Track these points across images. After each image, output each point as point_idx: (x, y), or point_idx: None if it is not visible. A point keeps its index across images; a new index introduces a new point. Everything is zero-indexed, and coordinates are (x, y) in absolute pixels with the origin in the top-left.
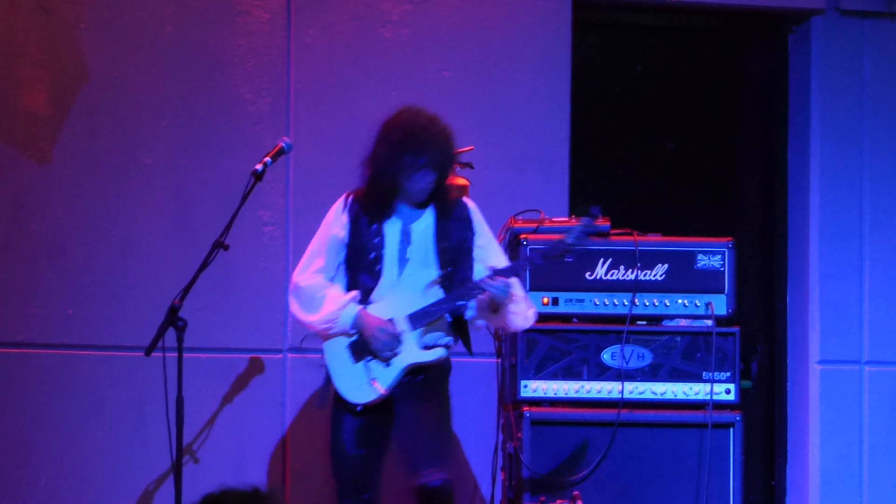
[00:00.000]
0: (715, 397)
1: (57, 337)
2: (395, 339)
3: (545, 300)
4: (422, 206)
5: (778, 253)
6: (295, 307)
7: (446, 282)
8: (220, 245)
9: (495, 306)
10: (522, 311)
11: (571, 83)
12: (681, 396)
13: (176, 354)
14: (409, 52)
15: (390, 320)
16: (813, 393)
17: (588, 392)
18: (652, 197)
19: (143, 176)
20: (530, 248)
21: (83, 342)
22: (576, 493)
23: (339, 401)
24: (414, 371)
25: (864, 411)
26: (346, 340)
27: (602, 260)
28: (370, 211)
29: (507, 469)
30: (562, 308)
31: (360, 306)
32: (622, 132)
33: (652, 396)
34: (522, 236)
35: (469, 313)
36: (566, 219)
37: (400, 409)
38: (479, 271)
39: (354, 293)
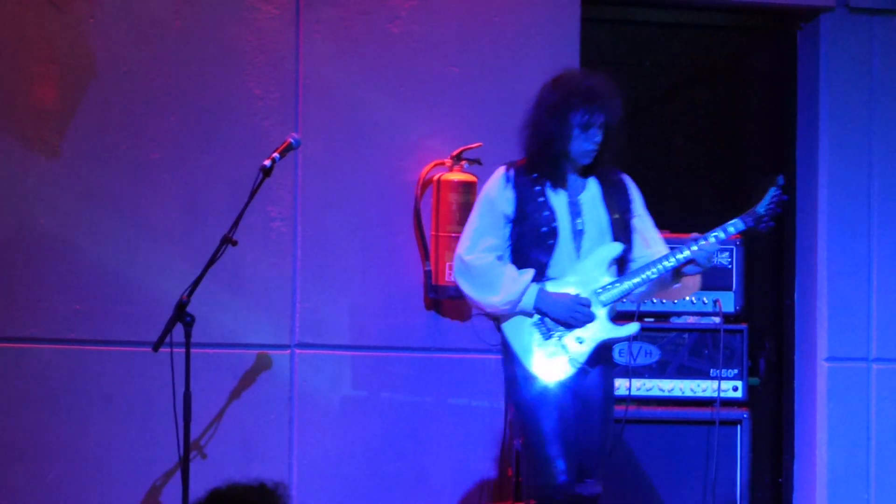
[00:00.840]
0: (722, 394)
1: (64, 332)
2: (590, 314)
3: None
4: (583, 174)
5: (786, 250)
6: (467, 287)
7: (621, 256)
8: (228, 240)
9: (679, 277)
10: (695, 285)
11: None
12: (688, 393)
13: (184, 350)
14: (418, 47)
15: (577, 296)
16: (821, 390)
17: None
18: (661, 193)
19: (152, 170)
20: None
21: (91, 337)
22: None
23: (530, 380)
24: (606, 347)
25: (871, 409)
26: (530, 319)
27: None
28: (537, 181)
29: (515, 466)
30: None
31: (540, 285)
32: (630, 128)
33: (660, 393)
34: None
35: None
36: None
37: (584, 391)
38: (638, 243)
39: (531, 271)
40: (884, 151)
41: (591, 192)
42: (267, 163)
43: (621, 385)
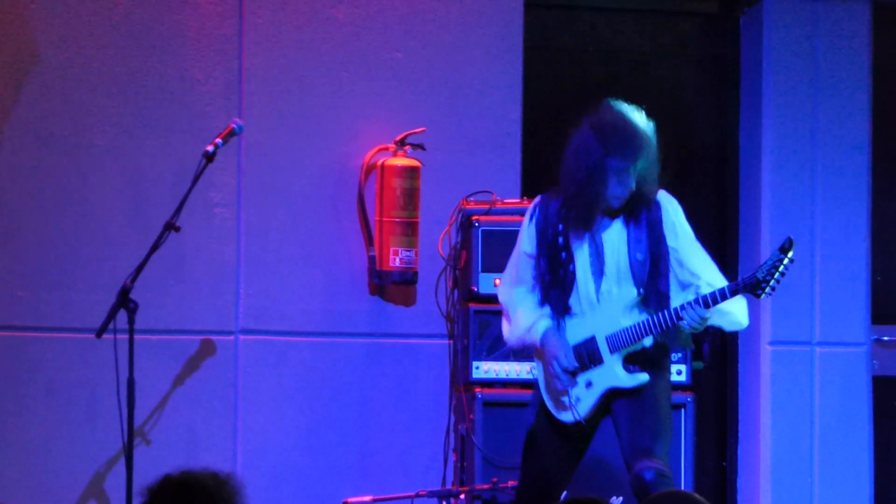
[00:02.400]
0: None
1: (7, 318)
2: (569, 376)
3: (497, 281)
4: (613, 213)
5: (729, 234)
6: (503, 325)
7: (645, 300)
8: (170, 226)
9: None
10: (733, 318)
11: (524, 64)
12: None
13: (127, 336)
14: (362, 33)
15: (591, 338)
16: (764, 374)
17: None
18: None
19: (96, 157)
20: (733, 283)
21: (34, 324)
22: None
23: (546, 413)
24: (616, 394)
25: (815, 392)
26: None
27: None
28: (562, 219)
29: (459, 450)
30: None
31: (551, 323)
32: (575, 113)
33: None
34: (474, 217)
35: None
36: (518, 200)
37: (617, 405)
38: (684, 276)
39: (545, 310)
40: (827, 136)
41: (616, 231)
42: (209, 148)
43: None
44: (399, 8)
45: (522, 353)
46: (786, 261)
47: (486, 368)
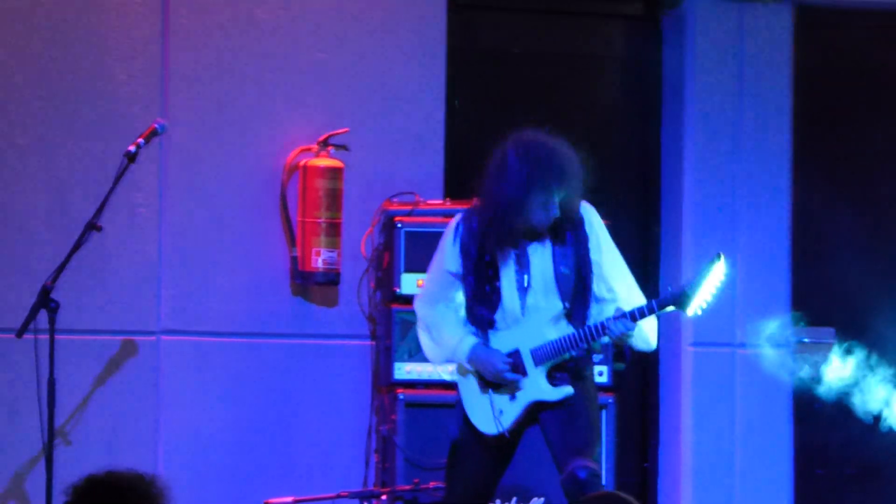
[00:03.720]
0: None
1: None
2: (512, 376)
3: (420, 282)
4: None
5: (651, 236)
6: (420, 334)
7: (570, 313)
8: (92, 227)
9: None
10: (647, 336)
11: (448, 65)
12: None
13: (48, 336)
14: (285, 32)
15: (515, 351)
16: (686, 375)
17: None
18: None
19: (18, 156)
20: (660, 298)
21: None
22: None
23: (469, 426)
24: (539, 407)
25: (736, 394)
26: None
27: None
28: (486, 237)
29: (381, 451)
30: None
31: (477, 340)
32: (499, 114)
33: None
34: (397, 218)
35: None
36: (441, 201)
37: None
38: (600, 291)
39: (470, 328)
40: (749, 139)
41: (541, 247)
42: (131, 148)
43: None
44: (323, 9)
45: None
46: (720, 278)
47: (409, 369)
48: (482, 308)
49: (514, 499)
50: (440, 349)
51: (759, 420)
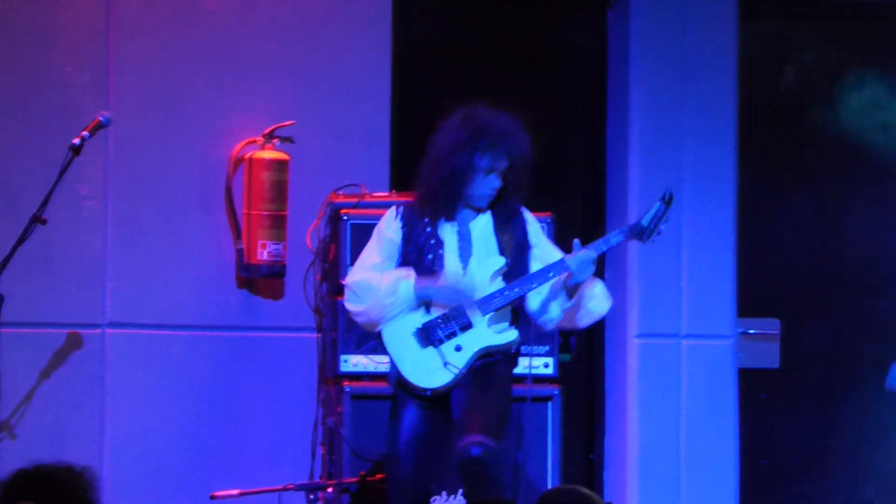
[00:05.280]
0: (534, 371)
1: None
2: (471, 299)
3: None
4: (477, 209)
5: (596, 226)
6: (350, 306)
7: (510, 272)
8: (37, 219)
9: (573, 288)
10: (601, 293)
11: (395, 58)
12: None
13: None
14: (232, 24)
15: (458, 307)
16: (632, 366)
17: None
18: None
19: None
20: (619, 232)
21: None
22: None
23: (404, 390)
24: (484, 356)
25: (682, 385)
26: (411, 326)
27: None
28: (426, 214)
29: (327, 444)
30: None
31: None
32: (447, 107)
33: None
34: (343, 211)
35: (533, 305)
36: (387, 193)
37: (456, 392)
38: (536, 268)
39: (410, 269)
40: (694, 129)
41: (483, 221)
42: (76, 141)
43: None
44: (270, 1)
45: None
46: (666, 211)
47: (355, 362)
48: (423, 276)
49: (461, 491)
50: (379, 296)
51: (704, 411)
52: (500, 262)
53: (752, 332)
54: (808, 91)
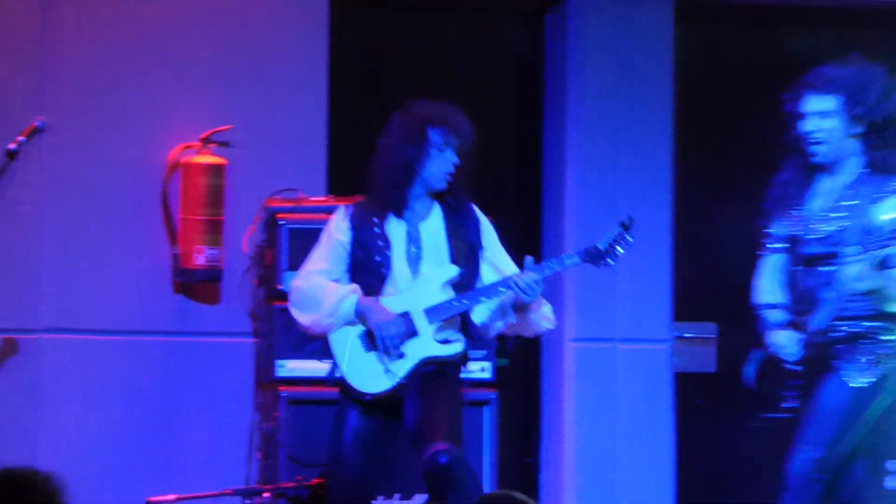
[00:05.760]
0: (470, 375)
1: None
2: (402, 336)
3: None
4: (428, 203)
5: (532, 231)
6: (295, 311)
7: (460, 281)
8: None
9: (521, 306)
10: (547, 313)
11: (332, 61)
12: None
13: None
14: (169, 31)
15: (405, 314)
16: (568, 370)
17: None
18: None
19: None
20: (571, 254)
21: None
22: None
23: (345, 394)
24: (428, 364)
25: (618, 388)
26: (357, 329)
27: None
28: (376, 213)
29: (264, 449)
30: None
31: (363, 296)
32: (383, 112)
33: None
34: (279, 215)
35: (478, 317)
36: (324, 198)
37: (408, 400)
38: (486, 274)
39: (355, 286)
40: (631, 134)
41: (434, 219)
42: (12, 146)
43: None
44: (207, 6)
45: (327, 350)
46: (624, 237)
47: (292, 366)
48: (370, 278)
49: (397, 496)
50: (322, 312)
51: (640, 415)
52: (453, 271)
53: (688, 336)
54: (744, 95)
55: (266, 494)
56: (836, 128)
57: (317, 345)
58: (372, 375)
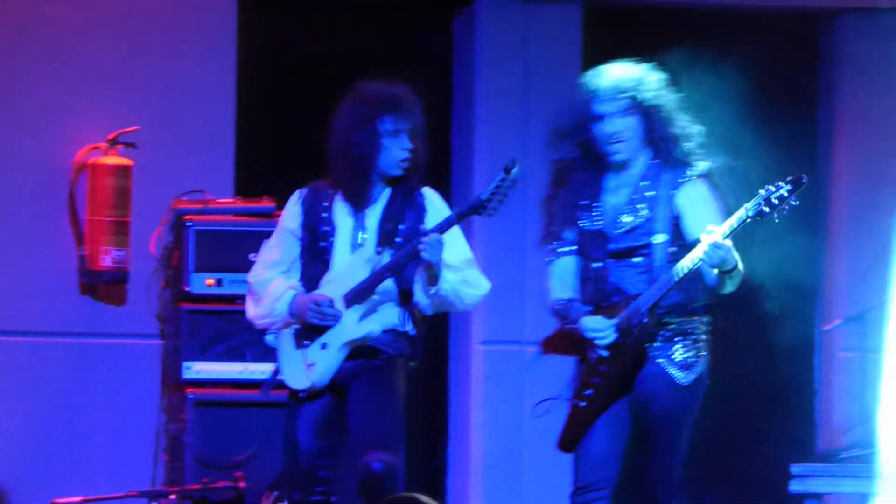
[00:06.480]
0: None
1: None
2: (330, 312)
3: (209, 281)
4: (383, 187)
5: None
6: (247, 305)
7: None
8: None
9: (432, 275)
10: (473, 277)
11: (239, 63)
12: None
13: None
14: (76, 31)
15: (330, 301)
16: (476, 373)
17: (252, 373)
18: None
19: None
20: (459, 209)
21: None
22: (238, 473)
23: (289, 389)
24: (359, 354)
25: (525, 391)
26: (294, 327)
27: (266, 241)
28: (329, 198)
29: (170, 451)
30: (226, 289)
31: (299, 292)
32: (291, 113)
33: None
34: (186, 217)
35: (417, 296)
36: (231, 199)
37: (351, 392)
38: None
39: (294, 282)
40: (540, 136)
41: (379, 204)
42: None
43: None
44: (114, 7)
45: (235, 352)
46: (507, 180)
47: (199, 368)
48: (315, 266)
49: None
50: (263, 306)
51: (545, 417)
52: (370, 252)
53: None
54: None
55: (172, 496)
56: (632, 126)
57: (223, 347)
58: (298, 371)
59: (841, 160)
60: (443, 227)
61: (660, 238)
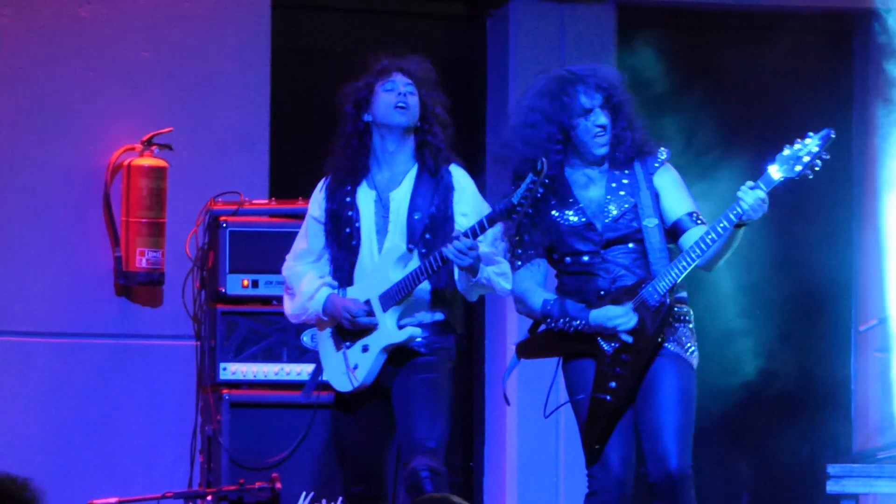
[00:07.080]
0: None
1: None
2: (365, 322)
3: (245, 282)
4: (403, 168)
5: None
6: (284, 302)
7: (426, 256)
8: None
9: (470, 269)
10: (503, 270)
11: (274, 65)
12: None
13: None
14: (109, 32)
15: (367, 302)
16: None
17: (288, 374)
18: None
19: None
20: (490, 213)
21: None
22: (274, 475)
23: (338, 396)
24: (400, 355)
25: (559, 391)
26: (332, 328)
27: None
28: (350, 182)
29: (206, 452)
30: (262, 290)
31: (332, 291)
32: (324, 115)
33: None
34: (222, 218)
35: (459, 284)
36: (266, 201)
37: (395, 393)
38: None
39: (327, 278)
40: None
41: (404, 187)
42: None
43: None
44: (147, 8)
45: (270, 353)
46: (537, 182)
47: (234, 370)
48: (343, 253)
49: (340, 499)
50: (297, 302)
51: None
52: (401, 250)
53: None
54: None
55: (208, 497)
56: (610, 119)
57: (258, 348)
58: (340, 373)
59: (876, 158)
60: (475, 232)
61: (652, 222)
